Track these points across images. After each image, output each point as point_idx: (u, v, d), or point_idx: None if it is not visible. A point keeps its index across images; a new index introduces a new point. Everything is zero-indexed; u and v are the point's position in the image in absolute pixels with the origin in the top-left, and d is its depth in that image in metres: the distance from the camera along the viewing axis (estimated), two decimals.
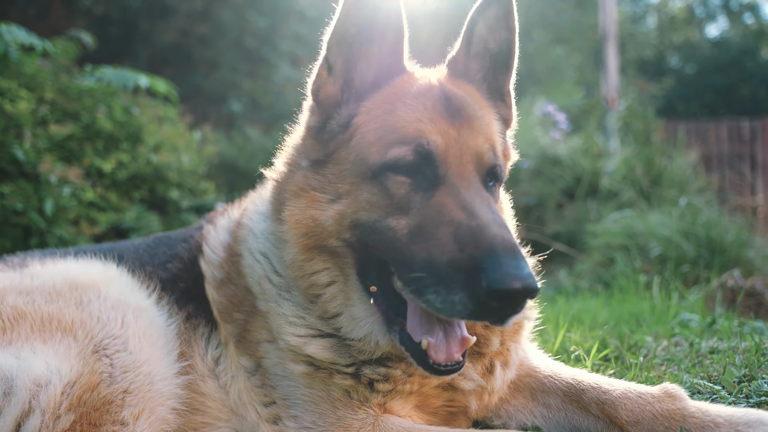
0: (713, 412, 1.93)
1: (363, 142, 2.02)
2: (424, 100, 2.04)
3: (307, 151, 2.17)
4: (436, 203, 1.90)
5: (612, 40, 14.13)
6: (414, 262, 1.82)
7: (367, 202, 1.97)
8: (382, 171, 1.96)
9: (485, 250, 1.73)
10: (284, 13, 16.30)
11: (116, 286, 2.33)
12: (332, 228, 2.01)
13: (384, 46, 2.09)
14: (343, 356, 2.10)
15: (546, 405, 2.32)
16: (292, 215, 2.08)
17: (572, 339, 3.23)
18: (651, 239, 6.38)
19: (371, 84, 2.11)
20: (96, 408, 1.99)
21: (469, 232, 1.79)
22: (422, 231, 1.86)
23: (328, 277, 2.09)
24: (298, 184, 2.10)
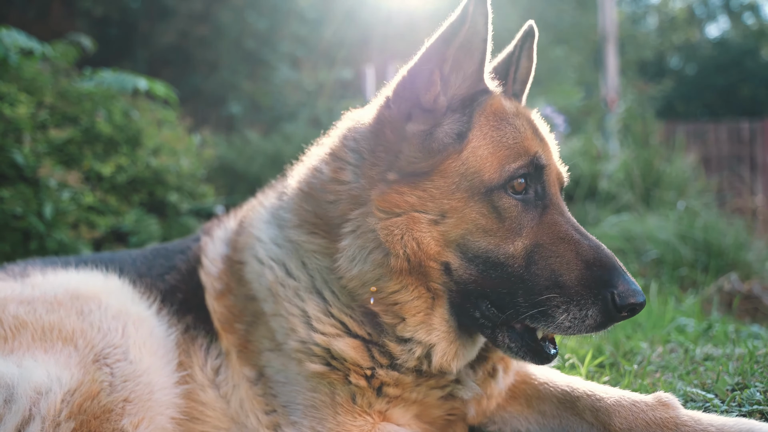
0: (705, 421, 1.96)
1: (476, 156, 2.01)
2: (522, 121, 2.13)
3: (399, 162, 2.06)
4: (549, 221, 2.01)
5: (611, 41, 14.16)
6: (537, 285, 1.92)
7: (475, 224, 1.97)
8: (497, 189, 1.98)
9: (609, 268, 1.89)
10: (284, 14, 16.33)
11: (117, 297, 2.36)
12: (434, 249, 1.99)
13: (474, 61, 2.08)
14: (366, 359, 2.12)
15: (541, 412, 2.35)
16: (391, 234, 1.98)
17: (568, 346, 3.26)
18: (648, 243, 6.40)
19: (464, 99, 2.11)
20: (96, 416, 2.01)
21: (590, 251, 1.93)
22: (540, 250, 1.95)
23: (409, 295, 2.05)
24: (393, 201, 2.01)
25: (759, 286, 5.75)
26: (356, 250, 2.06)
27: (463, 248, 1.98)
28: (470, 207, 1.98)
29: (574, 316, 1.87)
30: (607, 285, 1.86)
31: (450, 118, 2.07)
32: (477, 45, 2.04)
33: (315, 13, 16.74)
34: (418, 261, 1.99)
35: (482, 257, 1.97)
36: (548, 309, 1.89)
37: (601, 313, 1.86)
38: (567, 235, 1.98)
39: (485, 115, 2.09)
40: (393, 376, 2.13)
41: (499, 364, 2.31)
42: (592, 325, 1.88)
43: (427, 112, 2.07)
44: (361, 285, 2.07)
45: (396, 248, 1.98)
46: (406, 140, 2.06)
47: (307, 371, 2.16)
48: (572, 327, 1.88)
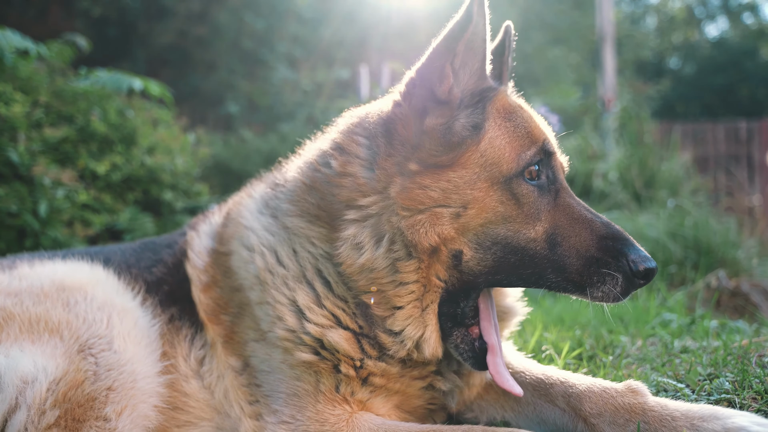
0: (671, 407, 2.02)
1: (494, 147, 2.11)
2: (529, 113, 2.26)
3: (419, 154, 2.12)
4: (563, 204, 2.15)
5: (609, 41, 14.20)
6: (569, 264, 2.07)
7: (494, 212, 2.07)
8: (515, 177, 2.09)
9: (623, 240, 2.06)
10: (281, 14, 16.39)
11: (102, 288, 2.40)
12: (449, 237, 2.08)
13: (479, 57, 2.18)
14: (357, 350, 2.18)
15: (516, 400, 2.40)
16: (415, 231, 2.05)
17: (548, 339, 3.31)
18: (639, 240, 6.45)
19: (473, 93, 2.19)
20: (80, 404, 2.06)
21: (603, 227, 2.10)
22: (560, 231, 2.11)
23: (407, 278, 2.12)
24: (416, 198, 2.07)
25: (747, 283, 5.80)
26: (366, 238, 2.12)
27: (480, 237, 2.08)
28: (491, 196, 2.07)
29: (608, 287, 2.03)
30: (622, 255, 2.03)
31: (465, 112, 2.16)
32: (479, 44, 2.14)
33: (313, 13, 16.80)
34: (438, 250, 2.08)
35: (501, 243, 2.08)
36: (589, 286, 2.05)
37: (626, 280, 2.03)
38: (581, 215, 2.14)
39: (496, 108, 2.19)
40: (380, 367, 2.18)
41: None
42: (619, 293, 2.05)
43: (443, 104, 2.14)
44: (367, 273, 2.13)
45: (423, 243, 2.06)
46: (426, 134, 2.13)
47: (293, 360, 2.20)
48: (605, 296, 2.05)
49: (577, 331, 3.58)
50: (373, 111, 2.33)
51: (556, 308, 4.62)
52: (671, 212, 7.06)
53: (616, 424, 2.08)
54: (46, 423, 2.00)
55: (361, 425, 2.09)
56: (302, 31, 16.86)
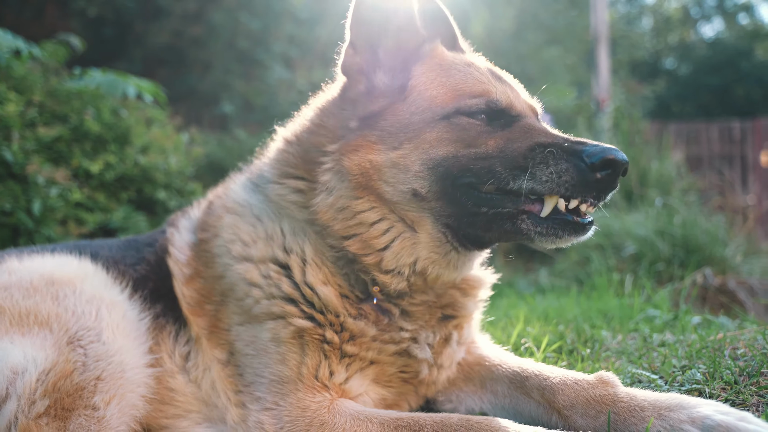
0: (640, 397, 2.08)
1: (424, 97, 2.29)
2: (475, 69, 2.37)
3: (357, 112, 2.34)
4: (521, 126, 2.23)
5: (603, 41, 14.27)
6: (516, 152, 2.12)
7: (439, 140, 2.21)
8: (455, 114, 2.23)
9: (580, 142, 2.08)
10: (277, 14, 16.41)
11: (91, 282, 2.46)
12: (390, 171, 2.23)
13: (398, 20, 2.38)
14: (341, 307, 2.29)
15: (493, 392, 2.48)
16: (350, 161, 2.25)
17: (531, 333, 3.38)
18: (627, 239, 6.53)
19: (398, 52, 2.40)
20: (69, 394, 2.11)
21: (561, 137, 2.16)
22: (515, 139, 2.17)
23: (375, 215, 2.28)
24: (356, 143, 2.28)
25: (734, 280, 5.88)
26: (334, 182, 2.29)
27: (430, 164, 2.20)
28: (428, 132, 2.23)
29: (552, 171, 2.04)
30: (578, 152, 2.05)
31: (387, 74, 2.39)
32: (399, 4, 2.36)
33: (309, 13, 16.80)
34: (369, 177, 2.24)
35: (449, 157, 2.19)
36: (532, 169, 2.07)
37: (577, 172, 2.02)
38: (539, 131, 2.20)
39: (429, 66, 2.37)
40: (359, 326, 2.28)
41: (454, 331, 2.48)
42: (569, 182, 2.03)
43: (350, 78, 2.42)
44: (336, 212, 2.29)
45: (353, 169, 2.24)
46: (357, 100, 2.38)
47: (283, 333, 2.28)
48: (550, 181, 2.04)
49: (560, 326, 3.65)
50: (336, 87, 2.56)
51: (543, 305, 4.69)
52: (660, 211, 7.14)
53: (587, 415, 2.16)
54: (36, 412, 2.06)
55: (342, 411, 2.16)
56: (298, 31, 16.88)
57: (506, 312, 4.44)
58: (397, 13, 2.37)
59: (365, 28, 2.38)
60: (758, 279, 6.01)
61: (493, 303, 5.10)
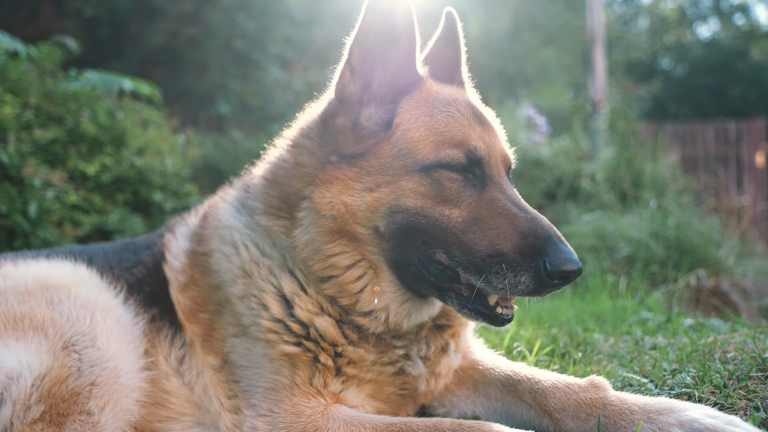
0: (630, 400, 2.11)
1: (407, 139, 2.20)
2: (457, 108, 2.30)
3: (337, 147, 2.27)
4: (488, 198, 2.17)
5: (599, 42, 14.31)
6: (475, 250, 2.08)
7: (413, 191, 2.16)
8: (434, 167, 2.16)
9: (544, 239, 2.04)
10: (273, 15, 16.42)
11: (85, 287, 2.47)
12: (364, 214, 2.19)
13: (399, 53, 2.28)
14: (340, 336, 2.29)
15: (486, 395, 2.50)
16: (322, 198, 2.20)
17: (524, 337, 3.40)
18: (621, 240, 6.56)
19: (392, 87, 2.30)
20: (64, 399, 2.13)
21: (526, 223, 2.09)
22: (480, 222, 2.12)
23: (348, 260, 2.25)
24: (332, 174, 2.22)
25: (727, 282, 5.91)
26: (308, 219, 2.26)
27: (394, 209, 2.17)
28: (405, 180, 2.17)
29: (510, 281, 2.03)
30: (540, 254, 2.02)
31: (378, 108, 2.28)
32: (399, 36, 2.25)
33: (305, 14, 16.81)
34: (344, 223, 2.20)
35: (411, 212, 2.16)
36: (488, 274, 2.06)
37: (534, 280, 2.02)
38: (505, 209, 2.15)
39: (416, 101, 2.28)
40: (358, 353, 2.29)
41: (451, 340, 2.49)
42: (524, 290, 2.04)
43: (341, 102, 2.30)
44: (312, 253, 2.26)
45: (324, 210, 2.20)
46: (340, 133, 2.28)
47: (274, 353, 2.29)
48: (505, 289, 2.04)
49: (553, 330, 3.67)
50: (319, 105, 2.50)
51: (536, 308, 4.71)
52: (654, 213, 7.16)
53: (578, 418, 2.18)
54: (31, 417, 2.07)
55: (336, 416, 2.18)
56: (294, 32, 16.90)
57: None
58: (401, 39, 2.26)
59: (368, 52, 2.27)
60: (751, 281, 6.04)
61: None
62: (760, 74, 33.97)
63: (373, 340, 2.32)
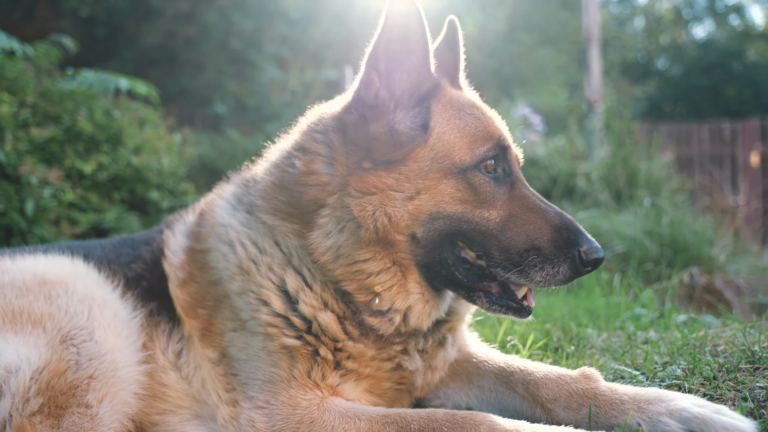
0: (621, 391, 2.15)
1: (444, 141, 2.26)
2: (480, 110, 2.40)
3: (369, 154, 2.27)
4: (518, 195, 2.29)
5: (595, 42, 14.32)
6: (513, 247, 2.21)
7: (452, 197, 2.22)
8: (470, 169, 2.24)
9: (575, 231, 2.21)
10: (269, 15, 16.45)
11: (83, 281, 2.49)
12: (405, 223, 2.22)
13: (416, 58, 2.30)
14: (341, 332, 2.31)
15: (480, 387, 2.54)
16: (364, 211, 2.20)
17: (518, 331, 3.44)
18: (616, 238, 6.60)
19: (414, 91, 2.32)
20: (63, 392, 2.15)
21: (556, 217, 2.25)
22: (515, 219, 2.24)
23: (379, 266, 2.27)
24: (370, 183, 2.22)
25: (720, 279, 5.96)
26: (332, 225, 2.27)
27: (434, 215, 2.23)
28: (444, 183, 2.23)
29: (548, 273, 2.18)
30: (574, 245, 2.18)
31: (407, 113, 2.30)
32: (415, 41, 2.26)
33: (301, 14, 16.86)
34: (386, 234, 2.22)
35: (453, 217, 2.23)
36: (525, 268, 2.18)
37: (570, 269, 2.18)
38: (535, 205, 2.28)
39: (443, 104, 2.34)
40: (358, 349, 2.32)
41: (448, 334, 2.53)
42: (562, 279, 2.20)
43: (374, 108, 2.28)
44: (335, 258, 2.28)
45: (367, 222, 2.20)
46: (374, 139, 2.27)
47: (273, 346, 2.31)
48: (544, 281, 2.19)
49: (547, 325, 3.70)
50: (330, 109, 2.48)
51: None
52: (649, 211, 7.20)
53: (570, 408, 2.22)
54: (30, 410, 2.09)
55: (331, 408, 2.21)
56: (290, 31, 16.94)
57: None
58: (417, 44, 2.28)
59: (393, 55, 2.28)
60: (744, 278, 6.09)
61: None
62: (755, 74, 34.09)
63: (373, 337, 2.35)
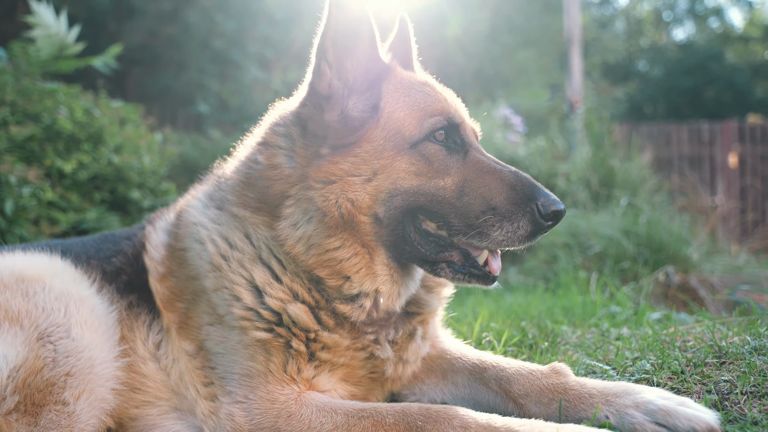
0: (590, 385, 2.20)
1: (394, 119, 2.34)
2: (431, 89, 2.49)
3: (328, 139, 2.34)
4: (472, 160, 2.36)
5: (576, 44, 14.44)
6: (471, 211, 2.26)
7: (407, 172, 2.30)
8: (421, 141, 2.32)
9: (530, 186, 2.26)
10: (252, 15, 16.43)
11: (60, 278, 2.50)
12: (366, 204, 2.29)
13: (363, 45, 2.39)
14: (314, 322, 2.36)
15: (454, 383, 2.59)
16: (327, 200, 2.27)
17: (494, 328, 3.49)
18: (593, 238, 6.68)
19: (366, 77, 2.41)
20: (39, 390, 2.17)
21: (511, 175, 2.30)
22: (470, 183, 2.30)
23: (349, 251, 2.33)
24: (329, 171, 2.29)
25: (696, 278, 6.05)
26: (299, 216, 2.34)
27: (392, 193, 2.30)
28: (399, 160, 2.30)
29: (507, 230, 2.22)
30: (531, 199, 2.23)
31: (359, 97, 2.39)
32: (362, 28, 2.36)
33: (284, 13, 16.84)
34: (351, 218, 2.29)
35: (411, 191, 2.30)
36: (484, 229, 2.23)
37: (531, 224, 2.23)
38: (489, 167, 2.34)
39: (393, 85, 2.43)
40: (333, 339, 2.37)
41: (419, 326, 2.58)
42: (523, 236, 2.24)
43: (329, 98, 2.37)
44: (306, 248, 2.34)
45: (332, 211, 2.28)
46: (330, 127, 2.36)
47: (248, 339, 2.36)
48: (506, 240, 2.24)
49: (523, 322, 3.76)
50: (290, 105, 2.58)
51: (509, 301, 4.80)
52: (626, 210, 7.30)
53: (541, 403, 2.27)
54: (6, 408, 2.11)
55: (309, 403, 2.26)
56: (273, 31, 16.92)
57: (473, 309, 4.55)
58: (363, 32, 2.38)
59: (339, 47, 2.36)
60: (719, 277, 6.18)
61: (460, 301, 5.21)
62: (734, 76, 34.53)
63: (348, 326, 2.40)
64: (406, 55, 2.77)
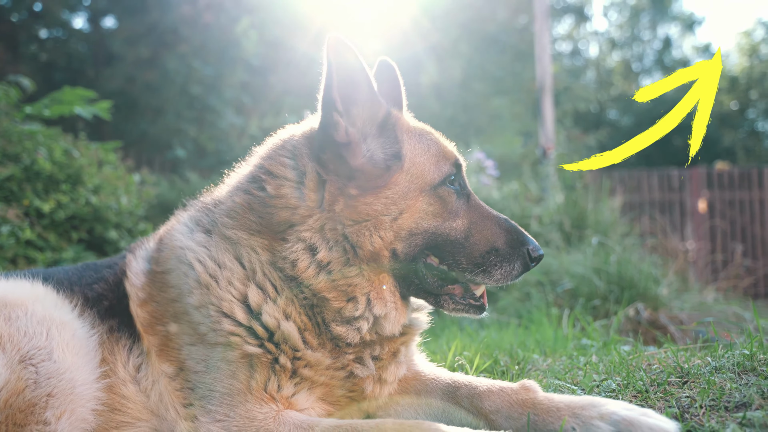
0: (557, 399, 2.30)
1: (416, 164, 2.56)
2: (433, 134, 2.74)
3: (356, 180, 2.50)
4: (474, 205, 2.65)
5: (548, 92, 14.84)
6: (476, 250, 2.55)
7: (426, 212, 2.53)
8: (441, 185, 2.56)
9: (521, 233, 2.60)
10: (230, 61, 16.68)
11: (42, 303, 2.55)
12: (389, 240, 2.49)
13: (363, 91, 2.54)
14: (301, 342, 2.46)
15: (428, 403, 2.67)
16: (362, 237, 2.46)
17: (467, 357, 3.57)
18: (566, 276, 6.82)
19: (372, 121, 2.58)
20: (21, 410, 2.21)
21: (504, 222, 2.62)
22: (475, 226, 2.59)
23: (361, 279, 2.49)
24: (363, 211, 2.47)
25: (665, 315, 6.19)
26: (318, 243, 2.48)
27: (413, 231, 2.51)
28: (420, 200, 2.53)
29: (506, 269, 2.55)
30: (522, 244, 2.58)
31: (375, 140, 2.57)
32: (353, 79, 2.50)
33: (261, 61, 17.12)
34: (378, 252, 2.48)
35: (429, 231, 2.52)
36: (488, 267, 2.54)
37: (521, 265, 2.58)
38: (489, 213, 2.65)
39: (407, 133, 2.65)
40: (316, 357, 2.47)
41: (402, 347, 2.70)
42: (516, 274, 2.58)
43: (347, 146, 2.52)
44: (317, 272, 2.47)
45: (365, 246, 2.46)
46: (358, 170, 2.52)
47: (234, 355, 2.42)
48: (503, 278, 2.57)
49: (496, 352, 3.84)
50: (297, 133, 2.70)
51: (482, 335, 4.89)
52: (597, 250, 7.46)
53: (511, 417, 2.36)
54: None
55: (286, 421, 2.32)
56: (251, 78, 17.17)
57: (447, 341, 4.63)
58: (361, 80, 2.51)
59: (344, 93, 2.49)
60: (687, 313, 6.33)
61: (435, 337, 5.29)
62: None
63: (329, 346, 2.50)
64: (397, 99, 2.93)
